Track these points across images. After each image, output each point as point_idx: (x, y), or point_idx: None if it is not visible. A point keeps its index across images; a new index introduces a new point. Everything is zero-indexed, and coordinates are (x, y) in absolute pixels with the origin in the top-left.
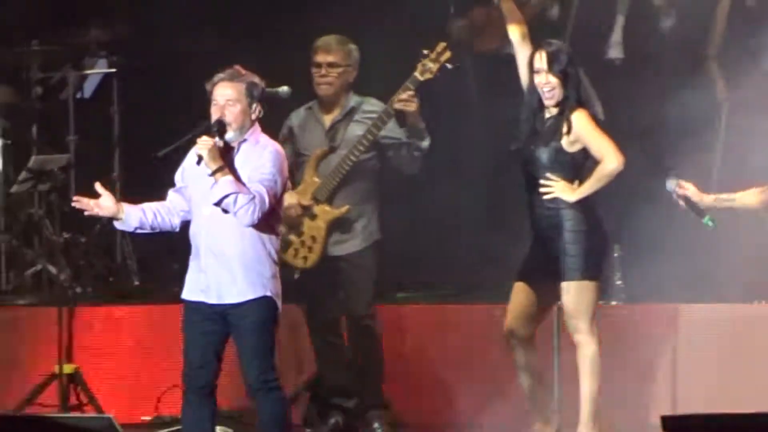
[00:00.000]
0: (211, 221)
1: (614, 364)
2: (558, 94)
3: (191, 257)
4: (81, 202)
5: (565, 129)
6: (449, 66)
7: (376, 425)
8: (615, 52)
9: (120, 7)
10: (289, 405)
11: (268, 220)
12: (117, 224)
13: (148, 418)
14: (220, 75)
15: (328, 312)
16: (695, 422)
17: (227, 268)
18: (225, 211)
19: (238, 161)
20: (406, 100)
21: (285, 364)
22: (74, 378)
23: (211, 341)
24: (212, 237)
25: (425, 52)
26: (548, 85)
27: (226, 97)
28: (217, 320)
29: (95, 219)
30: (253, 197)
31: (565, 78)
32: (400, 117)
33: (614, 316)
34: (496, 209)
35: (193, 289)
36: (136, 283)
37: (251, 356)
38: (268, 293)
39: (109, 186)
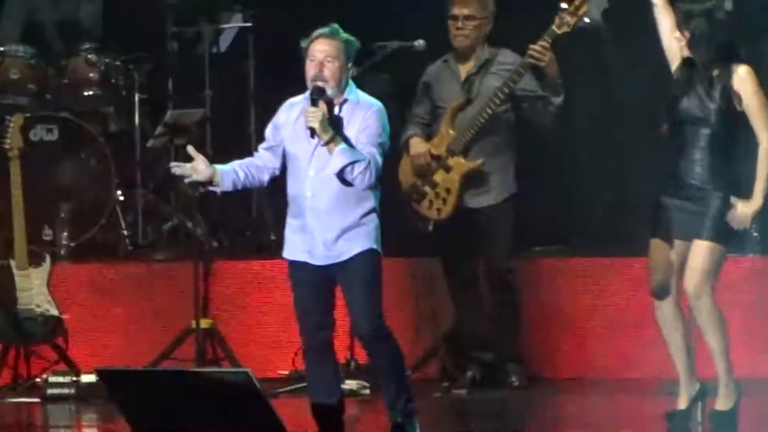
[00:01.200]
0: (315, 181)
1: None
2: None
3: (291, 215)
4: (179, 168)
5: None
6: (587, 20)
7: (513, 378)
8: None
9: None
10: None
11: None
12: (212, 188)
13: (285, 372)
14: (319, 31)
15: (465, 265)
16: None
17: (332, 228)
18: (342, 178)
19: (344, 121)
20: (539, 51)
21: (422, 317)
22: (211, 332)
23: (322, 297)
24: (317, 197)
25: (563, 5)
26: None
27: (326, 53)
28: (324, 276)
29: None
30: (368, 162)
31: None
32: (538, 70)
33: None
34: (634, 165)
35: (297, 249)
36: (273, 237)
37: (363, 307)
38: (374, 245)
39: (245, 140)
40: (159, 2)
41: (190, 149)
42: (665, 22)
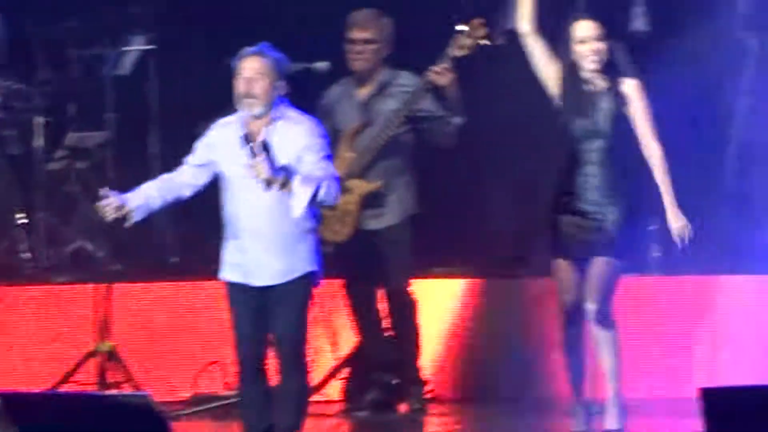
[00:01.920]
0: (253, 204)
1: (652, 336)
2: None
3: (227, 235)
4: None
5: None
6: (485, 43)
7: (414, 401)
8: (639, 23)
9: None
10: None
11: None
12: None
13: (186, 395)
14: (248, 49)
15: (364, 285)
16: (734, 394)
17: (271, 250)
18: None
19: (277, 138)
20: (438, 73)
21: (322, 338)
22: (111, 355)
23: (260, 316)
24: (254, 219)
25: (459, 28)
26: (597, 53)
27: (254, 70)
28: (261, 296)
29: None
30: (329, 179)
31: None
32: (437, 91)
33: (652, 288)
34: (530, 185)
35: (234, 271)
36: (174, 259)
37: (289, 330)
38: (314, 268)
39: (147, 162)
40: (60, 25)
41: (103, 191)
42: (537, 48)
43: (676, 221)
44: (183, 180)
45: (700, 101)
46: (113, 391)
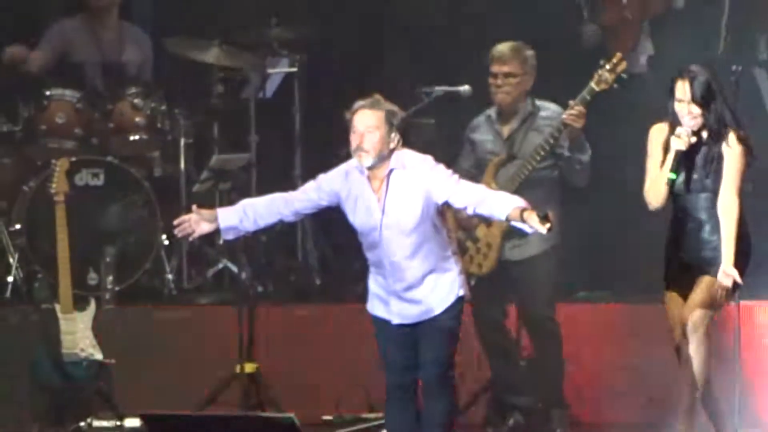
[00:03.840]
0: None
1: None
2: (700, 122)
3: (373, 271)
4: (181, 228)
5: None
6: (624, 77)
7: (556, 425)
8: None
9: (303, 7)
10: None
11: (440, 223)
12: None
13: (329, 417)
14: (360, 102)
15: (491, 312)
16: None
17: (416, 299)
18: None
19: (396, 190)
20: (575, 116)
21: (465, 362)
22: (255, 377)
23: (409, 341)
24: (395, 266)
25: (602, 62)
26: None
27: (366, 123)
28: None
29: None
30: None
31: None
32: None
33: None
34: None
35: (380, 309)
36: (318, 281)
37: (438, 351)
38: (460, 293)
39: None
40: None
41: (194, 208)
42: None
43: (727, 276)
44: (290, 200)
45: None
46: (258, 413)
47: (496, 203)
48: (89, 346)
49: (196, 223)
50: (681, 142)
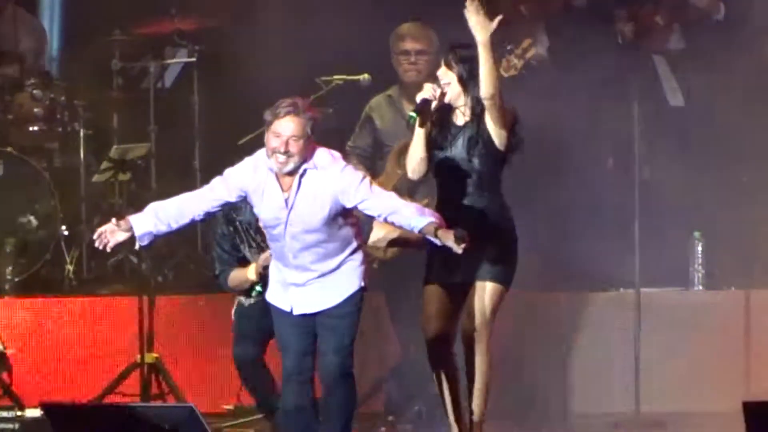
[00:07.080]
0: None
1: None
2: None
3: (273, 265)
4: (99, 240)
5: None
6: (534, 63)
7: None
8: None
9: None
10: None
11: (347, 219)
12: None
13: (229, 407)
14: (284, 108)
15: (407, 300)
16: None
17: (317, 285)
18: None
19: (306, 190)
20: None
21: (368, 351)
22: (156, 367)
23: (307, 331)
24: (298, 258)
25: (509, 47)
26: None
27: (292, 130)
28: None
29: None
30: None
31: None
32: None
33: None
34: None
35: (280, 300)
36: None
37: (337, 343)
38: (361, 284)
39: (190, 175)
40: (104, 38)
41: (113, 221)
42: None
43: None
44: (201, 207)
45: None
46: (158, 403)
47: (409, 216)
48: None
49: (111, 233)
50: (427, 92)
